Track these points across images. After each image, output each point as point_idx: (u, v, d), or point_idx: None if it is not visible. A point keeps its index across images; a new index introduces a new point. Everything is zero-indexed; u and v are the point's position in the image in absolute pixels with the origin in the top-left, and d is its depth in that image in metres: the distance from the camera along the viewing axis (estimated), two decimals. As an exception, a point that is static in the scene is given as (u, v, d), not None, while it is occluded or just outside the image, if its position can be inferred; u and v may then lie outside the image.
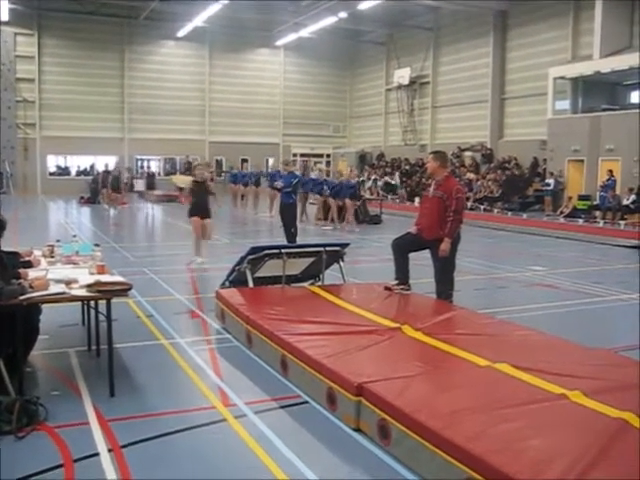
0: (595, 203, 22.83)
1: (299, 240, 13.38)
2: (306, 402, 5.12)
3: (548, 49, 27.02)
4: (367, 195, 26.11)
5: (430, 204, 7.62)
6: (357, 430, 4.55)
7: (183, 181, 34.45)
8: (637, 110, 22.60)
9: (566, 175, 24.83)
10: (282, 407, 5.08)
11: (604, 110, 24.31)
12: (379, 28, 36.33)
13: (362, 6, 29.61)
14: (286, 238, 13.52)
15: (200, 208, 12.07)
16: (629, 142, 22.08)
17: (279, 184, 14.34)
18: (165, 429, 4.57)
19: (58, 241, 6.95)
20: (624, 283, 11.21)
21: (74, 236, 8.30)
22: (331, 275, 8.76)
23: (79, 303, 6.75)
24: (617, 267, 13.62)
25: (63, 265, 6.29)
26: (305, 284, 8.54)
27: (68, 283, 5.26)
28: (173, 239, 17.42)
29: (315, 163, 38.10)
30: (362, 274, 10.51)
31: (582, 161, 24.19)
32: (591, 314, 8.87)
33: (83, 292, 5.18)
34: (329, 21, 32.65)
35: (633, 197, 21.39)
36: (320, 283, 8.50)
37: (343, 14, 31.23)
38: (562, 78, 25.37)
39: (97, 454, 4.19)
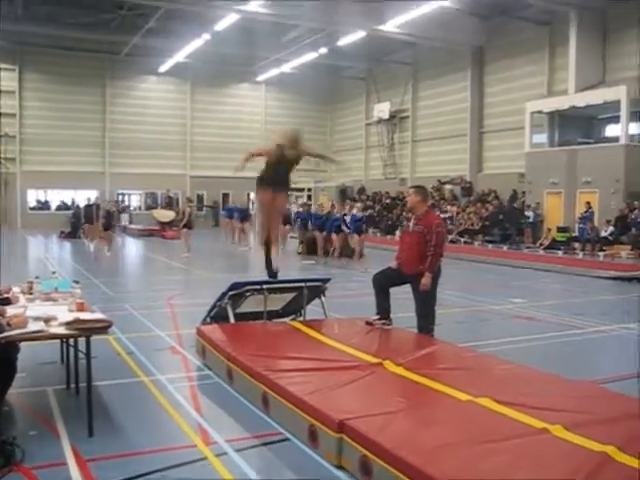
0: (574, 235, 23.07)
1: (281, 275, 13.34)
2: (287, 439, 5.07)
3: (525, 84, 27.50)
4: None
5: (410, 239, 7.65)
6: (339, 467, 4.51)
7: (164, 215, 34.57)
8: (612, 143, 23.01)
9: (545, 207, 25.11)
10: (263, 444, 5.04)
11: (580, 143, 24.72)
12: (359, 63, 36.84)
13: (342, 42, 30.06)
14: (267, 273, 13.46)
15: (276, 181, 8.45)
16: (605, 175, 22.43)
17: None
18: (145, 468, 4.51)
19: (37, 277, 6.90)
20: (604, 315, 11.29)
21: (53, 272, 8.25)
22: (313, 310, 8.74)
23: (58, 340, 6.68)
24: (597, 299, 13.73)
25: (42, 302, 6.23)
26: (286, 319, 8.52)
27: (47, 321, 5.20)
28: (153, 274, 17.32)
29: (296, 197, 38.18)
30: (344, 309, 10.49)
31: (560, 193, 24.49)
32: (571, 346, 8.91)
33: (62, 330, 5.12)
34: (310, 57, 33.12)
35: (611, 229, 21.65)
36: (302, 318, 8.48)
37: (323, 50, 31.71)
38: (539, 112, 25.77)
39: (75, 495, 4.12)
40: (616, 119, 23.25)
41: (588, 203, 22.67)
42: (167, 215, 34.70)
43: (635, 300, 13.34)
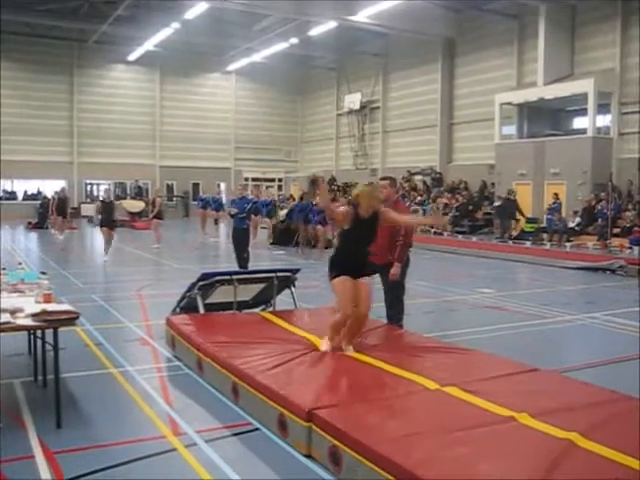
0: (542, 226, 23.34)
1: (251, 265, 13.35)
2: (257, 429, 5.09)
3: (495, 76, 27.70)
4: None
5: (379, 229, 7.67)
6: (308, 456, 4.54)
7: (133, 206, 34.26)
8: (580, 135, 23.31)
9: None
10: (233, 434, 5.05)
11: (548, 135, 24.99)
12: (330, 54, 36.75)
13: (313, 32, 29.99)
14: (238, 263, 13.47)
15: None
16: (573, 166, 22.74)
17: (232, 210, 14.23)
18: (114, 460, 4.49)
19: (3, 269, 6.81)
20: (569, 304, 11.48)
21: (20, 264, 8.15)
22: (283, 300, 8.76)
23: (25, 332, 6.61)
24: (563, 289, 13.92)
25: (8, 294, 6.14)
26: (256, 310, 8.52)
27: (13, 312, 5.15)
28: (123, 265, 17.16)
29: (266, 187, 38.12)
30: (314, 299, 10.53)
31: (529, 184, 24.75)
32: (538, 335, 9.03)
33: (29, 322, 5.07)
34: (280, 47, 33.01)
35: (578, 220, 21.97)
36: (272, 309, 8.49)
37: (294, 40, 31.60)
38: (508, 104, 26.02)
39: (42, 488, 4.10)
40: (584, 111, 23.54)
41: (556, 194, 22.96)
42: (136, 205, 34.39)
43: (600, 290, 13.59)
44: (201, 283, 7.76)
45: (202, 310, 7.75)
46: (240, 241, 13.84)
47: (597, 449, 3.92)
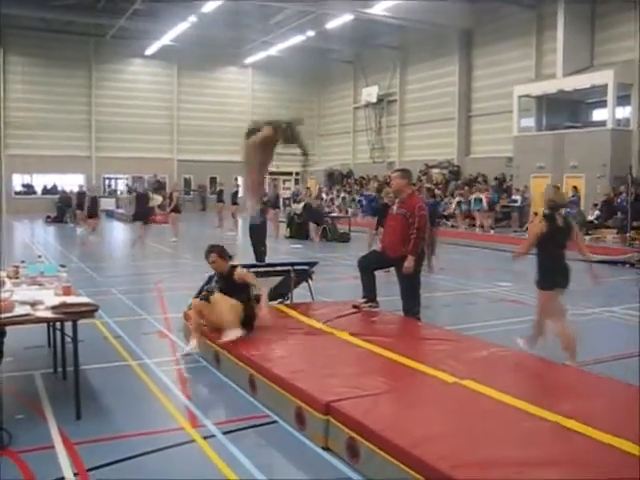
0: (561, 219, 23.10)
1: (268, 259, 13.34)
2: (275, 421, 5.10)
3: (513, 67, 27.50)
4: (336, 213, 26.41)
5: (394, 222, 7.66)
6: (326, 449, 4.55)
7: (152, 200, 34.31)
8: (599, 128, 23.08)
9: (532, 191, 25.17)
10: (251, 427, 5.06)
11: (567, 127, 24.77)
12: (347, 47, 36.65)
13: (329, 25, 29.92)
14: (255, 257, 13.46)
15: None
16: (592, 159, 22.52)
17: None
18: (132, 451, 4.52)
19: (23, 262, 6.87)
20: (588, 298, 11.37)
21: (39, 257, 8.22)
22: (300, 293, 8.76)
23: (45, 324, 6.66)
24: (581, 282, 13.79)
25: (28, 286, 6.20)
26: (274, 303, 8.53)
27: (33, 304, 5.19)
28: (141, 258, 17.24)
29: (284, 181, 38.13)
30: (331, 292, 10.53)
31: (547, 177, 24.56)
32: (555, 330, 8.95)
33: (48, 314, 5.11)
34: (297, 40, 32.97)
35: (597, 213, 21.77)
36: (289, 302, 8.50)
37: (311, 33, 31.55)
38: (527, 96, 25.80)
39: (62, 478, 4.13)
40: (603, 103, 23.30)
41: (575, 187, 22.77)
42: (155, 199, 34.47)
43: (619, 283, 13.47)
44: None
45: (220, 303, 7.75)
46: (257, 234, 13.82)
47: (599, 436, 3.97)
